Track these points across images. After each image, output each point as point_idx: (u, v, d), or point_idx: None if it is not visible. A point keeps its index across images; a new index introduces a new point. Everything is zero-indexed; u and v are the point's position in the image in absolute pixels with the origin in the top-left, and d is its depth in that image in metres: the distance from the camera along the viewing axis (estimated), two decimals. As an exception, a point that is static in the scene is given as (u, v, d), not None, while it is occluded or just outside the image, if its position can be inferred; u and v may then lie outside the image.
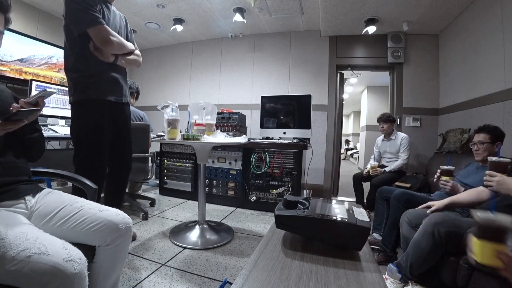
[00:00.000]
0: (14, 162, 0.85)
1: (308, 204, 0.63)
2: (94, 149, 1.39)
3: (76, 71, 1.33)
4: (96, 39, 1.25)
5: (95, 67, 1.33)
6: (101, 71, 1.35)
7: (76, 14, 1.22)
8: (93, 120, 1.37)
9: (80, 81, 1.33)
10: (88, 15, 1.21)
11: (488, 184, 1.11)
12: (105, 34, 1.26)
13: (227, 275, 1.40)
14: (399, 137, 2.65)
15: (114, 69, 1.42)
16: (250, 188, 2.66)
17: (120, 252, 0.87)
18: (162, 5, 3.07)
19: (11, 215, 0.73)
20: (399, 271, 1.26)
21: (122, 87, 1.48)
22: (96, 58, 1.32)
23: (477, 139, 1.61)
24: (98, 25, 1.23)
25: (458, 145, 2.45)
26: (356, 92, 7.40)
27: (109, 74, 1.39)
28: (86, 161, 1.38)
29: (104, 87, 1.37)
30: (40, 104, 0.78)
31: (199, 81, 4.22)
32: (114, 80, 1.42)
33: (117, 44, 1.32)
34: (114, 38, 1.31)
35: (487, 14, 2.30)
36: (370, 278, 0.48)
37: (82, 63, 1.31)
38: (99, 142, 1.40)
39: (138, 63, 1.53)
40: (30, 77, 2.71)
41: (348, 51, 3.54)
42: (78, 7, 1.21)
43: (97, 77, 1.34)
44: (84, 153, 1.38)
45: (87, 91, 1.33)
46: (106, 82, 1.38)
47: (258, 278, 0.46)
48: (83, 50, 1.30)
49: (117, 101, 1.45)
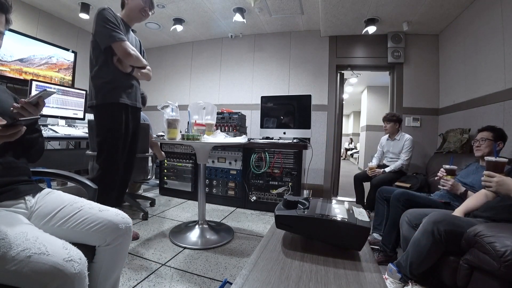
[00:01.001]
0: (14, 162, 0.85)
1: (308, 204, 0.63)
2: (116, 148, 1.56)
3: (100, 78, 1.52)
4: (119, 51, 1.48)
5: (116, 75, 1.54)
6: (121, 79, 1.56)
7: (104, 31, 1.45)
8: (113, 121, 1.55)
9: (103, 87, 1.52)
10: (114, 33, 1.45)
11: (486, 185, 1.11)
12: (127, 48, 1.50)
13: (227, 275, 1.40)
14: (403, 138, 2.63)
15: (131, 78, 1.63)
16: (250, 188, 2.66)
17: (120, 252, 0.87)
18: (162, 5, 3.07)
19: (11, 215, 0.73)
20: (399, 271, 1.26)
21: (136, 94, 1.69)
22: (117, 68, 1.54)
23: (480, 136, 1.62)
24: (122, 41, 1.47)
25: (458, 145, 2.45)
26: (356, 92, 7.40)
27: (126, 81, 1.60)
28: (110, 159, 1.55)
29: (122, 92, 1.57)
30: (40, 104, 0.78)
31: (199, 81, 4.22)
32: (130, 87, 1.62)
33: (135, 57, 1.55)
34: (133, 52, 1.54)
35: (487, 14, 2.30)
36: (370, 278, 0.48)
37: (105, 71, 1.52)
38: (119, 142, 1.58)
39: (149, 77, 1.74)
40: (30, 77, 2.71)
41: (348, 51, 3.54)
42: (106, 25, 1.44)
43: (117, 83, 1.55)
44: (108, 152, 1.55)
45: (108, 95, 1.52)
46: (124, 88, 1.58)
47: (258, 278, 0.46)
48: (106, 60, 1.51)
49: (132, 105, 1.63)
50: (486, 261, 0.95)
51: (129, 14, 1.61)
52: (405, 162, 2.54)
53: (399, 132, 2.71)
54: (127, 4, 1.59)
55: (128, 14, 1.61)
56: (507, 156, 1.48)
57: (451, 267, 1.13)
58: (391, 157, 2.71)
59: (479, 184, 1.48)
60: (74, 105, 2.80)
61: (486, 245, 0.96)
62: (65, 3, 3.08)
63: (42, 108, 0.80)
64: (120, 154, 1.59)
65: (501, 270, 0.89)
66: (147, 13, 1.63)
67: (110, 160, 1.56)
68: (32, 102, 0.75)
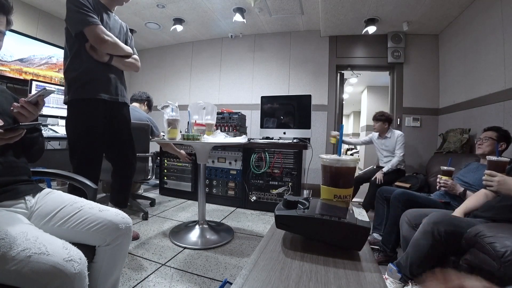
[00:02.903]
0: (14, 162, 0.85)
1: (308, 204, 0.63)
2: (90, 147, 1.42)
3: (72, 70, 1.37)
4: (90, 37, 1.31)
5: (90, 66, 1.37)
6: (95, 70, 1.39)
7: (74, 15, 1.29)
8: (87, 119, 1.40)
9: (75, 80, 1.36)
10: (85, 16, 1.28)
11: (488, 184, 1.11)
12: (99, 33, 1.31)
13: (227, 275, 1.40)
14: (395, 135, 2.60)
15: (109, 69, 1.45)
16: (250, 188, 2.66)
17: (120, 252, 0.87)
18: (162, 5, 3.07)
19: (11, 215, 0.73)
20: (399, 271, 1.26)
21: (117, 87, 1.51)
22: (91, 57, 1.36)
23: (484, 135, 1.62)
24: (93, 25, 1.29)
25: (458, 145, 2.45)
26: (356, 92, 7.40)
27: (103, 73, 1.42)
28: (83, 160, 1.41)
29: (98, 86, 1.40)
30: (40, 103, 0.77)
31: (199, 81, 4.22)
32: (108, 80, 1.45)
33: (111, 43, 1.36)
34: (108, 38, 1.35)
35: (487, 14, 2.30)
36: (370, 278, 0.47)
37: (77, 63, 1.36)
38: (94, 141, 1.43)
39: (135, 67, 1.57)
40: (30, 77, 2.71)
41: (348, 51, 3.54)
42: (76, 9, 1.28)
43: (91, 75, 1.38)
44: (81, 152, 1.41)
45: (81, 90, 1.36)
46: (100, 81, 1.41)
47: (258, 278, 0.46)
48: (79, 50, 1.35)
49: (111, 100, 1.47)
50: (486, 261, 0.95)
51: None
52: (400, 158, 2.51)
53: (389, 130, 2.68)
54: None
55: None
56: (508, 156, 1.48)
57: (451, 267, 1.13)
58: (386, 155, 2.68)
59: (479, 183, 1.48)
60: (74, 105, 2.79)
61: (486, 245, 0.96)
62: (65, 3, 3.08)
63: (42, 107, 0.79)
64: (97, 155, 1.45)
65: (501, 271, 0.89)
66: None
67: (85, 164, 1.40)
68: (32, 101, 0.75)
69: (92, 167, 1.44)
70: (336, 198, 0.71)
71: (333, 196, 0.71)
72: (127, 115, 1.64)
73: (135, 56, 1.56)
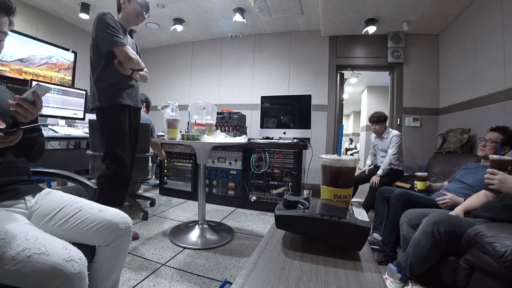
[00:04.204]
0: (14, 162, 0.85)
1: (308, 204, 0.63)
2: (125, 149, 1.62)
3: (102, 81, 1.57)
4: (120, 55, 1.53)
5: (118, 77, 1.60)
6: (122, 81, 1.62)
7: (105, 36, 1.49)
8: (121, 121, 1.60)
9: (106, 89, 1.56)
10: (115, 38, 1.50)
11: (489, 183, 1.10)
12: (128, 52, 1.55)
13: (227, 275, 1.40)
14: (391, 135, 2.59)
15: (131, 80, 1.68)
16: (250, 188, 2.66)
17: (120, 252, 0.87)
18: (162, 5, 3.07)
19: (11, 215, 0.73)
20: (399, 271, 1.26)
21: (137, 94, 1.74)
22: (118, 71, 1.59)
23: (489, 136, 1.59)
24: (123, 46, 1.52)
25: (458, 145, 2.45)
26: (356, 92, 7.40)
27: (128, 84, 1.65)
28: (120, 161, 1.60)
29: (124, 94, 1.62)
30: (37, 101, 0.74)
31: (199, 81, 4.22)
32: (131, 89, 1.67)
33: (135, 61, 1.61)
34: (134, 56, 1.59)
35: (487, 14, 2.30)
36: (370, 278, 0.47)
37: (107, 74, 1.57)
38: (126, 143, 1.63)
39: (146, 79, 1.81)
40: (30, 77, 2.72)
41: (348, 51, 3.54)
42: (107, 30, 1.49)
43: (119, 85, 1.60)
44: (116, 153, 1.59)
45: (112, 97, 1.57)
46: (126, 90, 1.63)
47: (258, 278, 0.46)
48: (108, 64, 1.56)
49: (133, 106, 1.68)
50: (486, 261, 0.95)
51: (127, 18, 1.64)
52: (391, 156, 2.47)
53: (386, 130, 2.68)
54: (123, 8, 1.62)
55: (125, 18, 1.64)
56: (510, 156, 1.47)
57: (451, 267, 1.13)
58: (382, 155, 2.68)
59: (478, 184, 1.48)
60: (74, 105, 2.80)
61: (486, 245, 0.96)
62: (65, 3, 3.08)
63: (41, 106, 0.76)
64: (128, 154, 1.65)
65: (501, 270, 0.89)
66: (143, 17, 1.67)
67: (120, 162, 1.60)
68: (28, 98, 0.72)
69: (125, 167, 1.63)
70: (336, 198, 0.71)
71: (333, 196, 0.71)
72: (139, 119, 1.83)
73: (145, 69, 1.78)
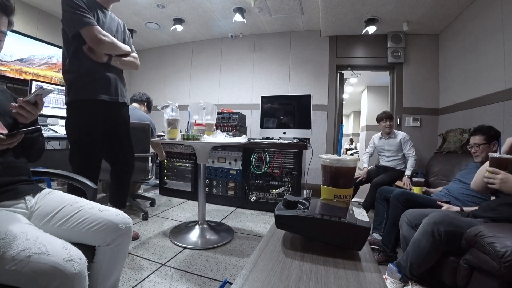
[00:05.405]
0: (14, 162, 0.85)
1: (308, 204, 0.63)
2: (90, 148, 1.44)
3: (71, 72, 1.37)
4: (87, 38, 1.29)
5: (89, 67, 1.36)
6: (94, 71, 1.38)
7: (70, 17, 1.28)
8: (87, 120, 1.40)
9: (75, 82, 1.36)
10: (80, 17, 1.26)
11: (490, 182, 1.09)
12: (96, 34, 1.29)
13: (227, 275, 1.40)
14: (400, 135, 2.60)
15: (108, 69, 1.44)
16: (250, 188, 2.66)
17: (120, 252, 0.87)
18: (162, 5, 3.07)
19: (11, 215, 0.73)
20: (399, 271, 1.26)
21: (117, 87, 1.50)
22: (90, 58, 1.36)
23: (473, 141, 1.59)
24: (89, 26, 1.28)
25: (458, 145, 2.45)
26: (356, 92, 7.40)
27: (102, 74, 1.41)
28: (83, 160, 1.43)
29: (97, 87, 1.40)
30: (39, 103, 0.77)
31: (199, 81, 4.22)
32: (108, 80, 1.44)
33: (108, 44, 1.35)
34: (105, 38, 1.33)
35: (487, 14, 2.30)
36: (370, 278, 0.47)
37: (76, 64, 1.35)
38: (94, 142, 1.45)
39: (135, 66, 1.56)
40: (30, 77, 2.71)
41: (348, 51, 3.54)
42: (72, 10, 1.26)
43: (91, 76, 1.37)
44: (81, 152, 1.42)
45: (81, 91, 1.36)
46: (99, 81, 1.41)
47: (258, 278, 0.46)
48: (77, 51, 1.34)
49: (111, 101, 1.47)
50: (486, 261, 0.95)
51: None
52: (415, 157, 2.53)
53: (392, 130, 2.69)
54: None
55: None
56: (507, 156, 1.47)
57: (451, 267, 1.13)
58: (388, 155, 2.67)
59: (479, 184, 1.48)
60: (74, 105, 2.79)
61: (486, 245, 0.96)
62: (65, 3, 3.08)
63: (42, 107, 0.79)
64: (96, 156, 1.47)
65: (501, 271, 0.89)
66: None
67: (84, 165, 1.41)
68: (30, 100, 0.75)
69: (92, 167, 1.45)
70: (336, 198, 0.71)
71: (333, 196, 0.71)
72: (126, 115, 1.65)
73: (133, 54, 1.55)
